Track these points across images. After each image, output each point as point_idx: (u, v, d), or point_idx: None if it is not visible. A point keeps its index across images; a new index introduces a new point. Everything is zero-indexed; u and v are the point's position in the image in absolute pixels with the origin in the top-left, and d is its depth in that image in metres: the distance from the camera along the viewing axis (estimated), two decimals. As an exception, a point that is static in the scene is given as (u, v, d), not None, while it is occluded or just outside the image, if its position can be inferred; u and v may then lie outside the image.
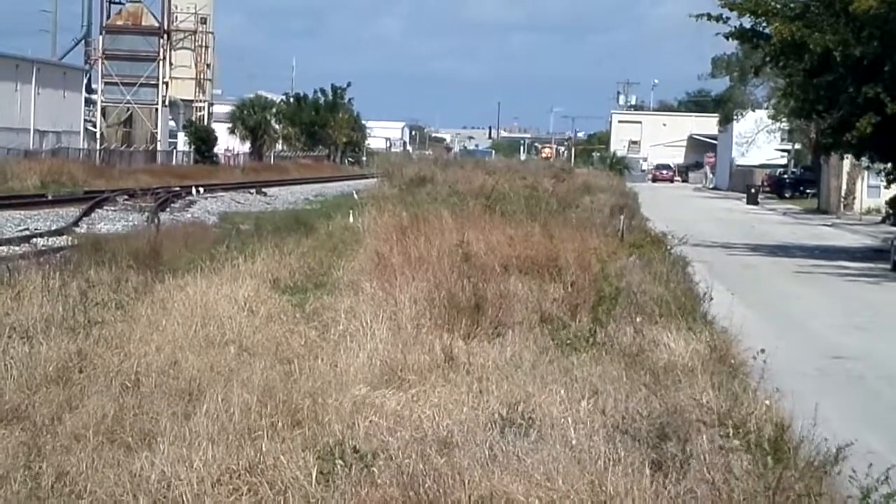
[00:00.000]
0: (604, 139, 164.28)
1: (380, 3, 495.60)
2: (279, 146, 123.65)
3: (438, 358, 12.12)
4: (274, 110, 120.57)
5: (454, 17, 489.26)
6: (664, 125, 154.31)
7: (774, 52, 33.14)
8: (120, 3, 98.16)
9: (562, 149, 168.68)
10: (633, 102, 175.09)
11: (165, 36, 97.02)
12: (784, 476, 8.09)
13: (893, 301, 24.72)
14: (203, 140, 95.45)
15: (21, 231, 32.20)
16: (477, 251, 17.77)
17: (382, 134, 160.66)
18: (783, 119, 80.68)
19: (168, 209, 44.78)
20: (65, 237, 29.91)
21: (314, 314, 15.11)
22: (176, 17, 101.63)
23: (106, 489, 8.29)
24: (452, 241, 18.30)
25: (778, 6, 32.46)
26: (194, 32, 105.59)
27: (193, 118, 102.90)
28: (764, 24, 32.85)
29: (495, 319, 14.17)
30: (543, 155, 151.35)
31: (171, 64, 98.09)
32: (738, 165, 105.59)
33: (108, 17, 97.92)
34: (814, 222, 57.05)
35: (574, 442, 8.94)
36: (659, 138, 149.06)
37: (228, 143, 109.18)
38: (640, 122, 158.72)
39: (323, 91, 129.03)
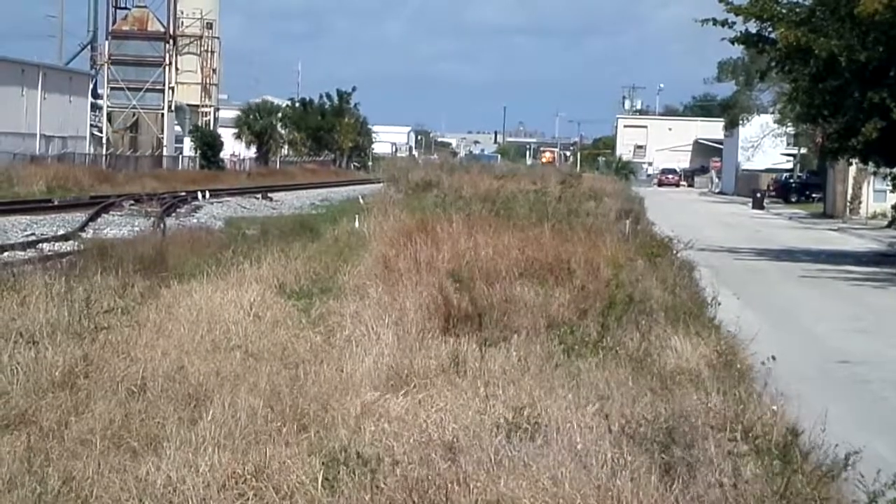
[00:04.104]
0: (609, 143, 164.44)
1: (384, 7, 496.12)
2: (285, 151, 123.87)
3: (444, 363, 12.11)
4: (280, 115, 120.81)
5: (458, 21, 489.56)
6: (670, 129, 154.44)
7: (780, 57, 33.11)
8: (126, 8, 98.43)
9: (567, 153, 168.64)
10: (639, 107, 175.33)
11: (171, 41, 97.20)
12: (792, 481, 8.08)
13: (900, 305, 24.69)
14: (209, 145, 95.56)
15: (27, 236, 32.23)
16: (484, 255, 17.79)
17: (388, 139, 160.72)
18: (789, 123, 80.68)
19: (174, 214, 44.83)
20: (71, 242, 29.94)
21: (320, 319, 15.11)
22: (182, 22, 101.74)
23: (112, 494, 8.29)
24: (459, 245, 18.33)
25: (783, 11, 32.42)
26: (200, 37, 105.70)
27: (199, 123, 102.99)
28: (769, 29, 32.82)
29: (501, 324, 14.15)
30: (545, 159, 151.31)
31: (176, 69, 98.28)
32: (744, 170, 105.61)
33: (114, 22, 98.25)
34: (820, 227, 56.99)
35: (580, 447, 8.92)
36: (664, 143, 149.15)
37: (234, 148, 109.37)
38: (645, 127, 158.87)
39: (329, 96, 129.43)
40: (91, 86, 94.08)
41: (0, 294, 14.93)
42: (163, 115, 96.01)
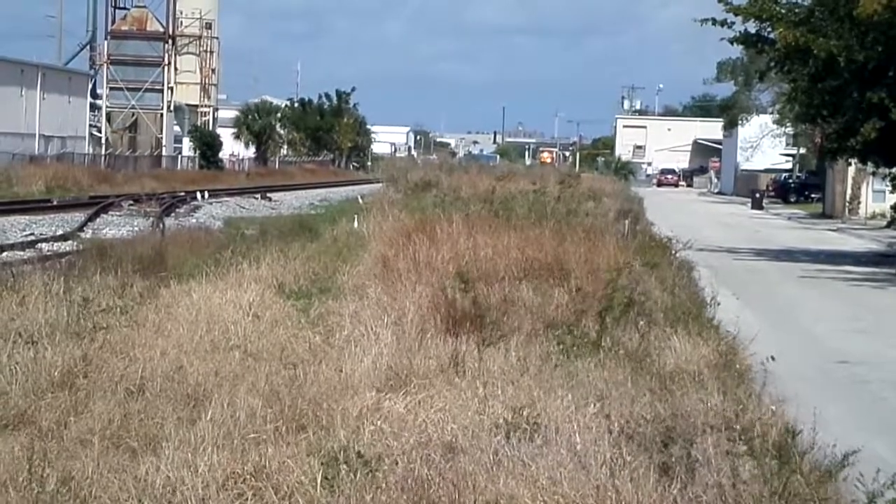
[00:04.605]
0: (608, 144, 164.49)
1: (384, 7, 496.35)
2: (284, 151, 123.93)
3: (444, 363, 12.11)
4: (279, 115, 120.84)
5: (458, 21, 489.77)
6: (669, 130, 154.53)
7: (779, 57, 33.13)
8: (125, 8, 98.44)
9: (566, 154, 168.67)
10: (638, 107, 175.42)
11: (170, 41, 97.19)
12: (791, 481, 8.08)
13: (899, 306, 24.68)
14: (208, 145, 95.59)
15: (26, 236, 32.23)
16: (483, 255, 17.78)
17: (387, 139, 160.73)
18: (788, 124, 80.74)
19: (173, 214, 44.84)
20: (70, 242, 29.94)
21: (319, 319, 15.09)
22: (181, 22, 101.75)
23: (111, 494, 8.29)
24: (458, 246, 18.31)
25: (782, 11, 32.42)
26: (199, 37, 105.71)
27: (198, 123, 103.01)
28: (769, 29, 32.83)
29: (500, 324, 14.14)
30: (543, 159, 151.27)
31: (176, 69, 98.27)
32: (743, 170, 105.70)
33: (113, 22, 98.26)
34: (819, 227, 57.01)
35: (580, 447, 8.93)
36: (664, 143, 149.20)
37: (233, 148, 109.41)
38: (644, 127, 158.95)
39: (328, 96, 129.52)
40: (90, 86, 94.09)
41: (-1, 294, 14.95)
42: (162, 115, 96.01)
